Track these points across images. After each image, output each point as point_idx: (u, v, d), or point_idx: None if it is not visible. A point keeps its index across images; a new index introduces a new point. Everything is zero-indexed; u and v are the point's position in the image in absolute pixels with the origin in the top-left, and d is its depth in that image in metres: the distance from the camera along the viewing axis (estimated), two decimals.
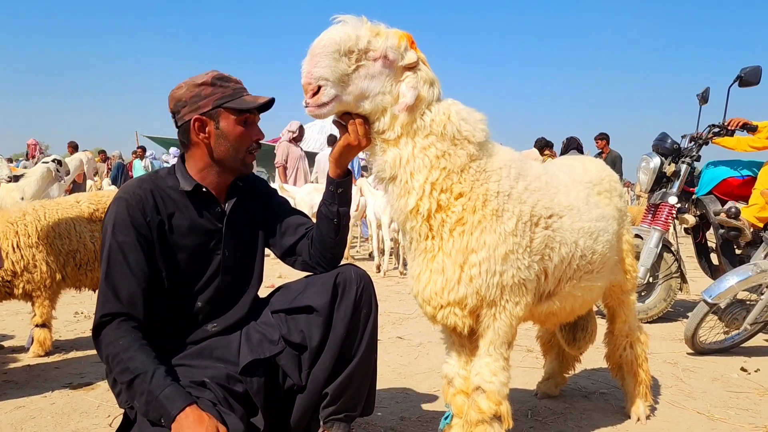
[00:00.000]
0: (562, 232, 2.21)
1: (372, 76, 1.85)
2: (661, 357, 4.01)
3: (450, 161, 1.95)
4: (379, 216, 7.87)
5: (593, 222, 2.37)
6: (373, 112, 1.90)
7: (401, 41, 1.87)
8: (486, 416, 2.12)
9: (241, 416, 1.95)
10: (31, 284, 3.52)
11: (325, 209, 2.19)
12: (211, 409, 1.84)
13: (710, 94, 5.08)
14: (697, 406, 3.09)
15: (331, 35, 1.80)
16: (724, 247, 4.86)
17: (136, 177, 2.23)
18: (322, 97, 1.81)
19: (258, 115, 2.13)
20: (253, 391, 2.06)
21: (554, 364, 3.19)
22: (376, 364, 2.34)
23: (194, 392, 1.89)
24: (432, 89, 1.94)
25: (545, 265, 2.19)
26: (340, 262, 2.27)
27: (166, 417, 1.76)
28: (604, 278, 2.56)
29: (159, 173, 2.17)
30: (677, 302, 5.32)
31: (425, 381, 3.41)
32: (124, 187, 2.09)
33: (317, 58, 1.79)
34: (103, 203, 3.85)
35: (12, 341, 4.09)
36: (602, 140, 10.68)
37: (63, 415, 2.78)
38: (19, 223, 3.52)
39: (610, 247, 2.49)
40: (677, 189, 4.97)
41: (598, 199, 2.54)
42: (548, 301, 2.32)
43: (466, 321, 2.07)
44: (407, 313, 5.31)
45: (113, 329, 1.90)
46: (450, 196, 1.97)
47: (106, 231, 1.99)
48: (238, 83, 2.09)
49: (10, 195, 7.89)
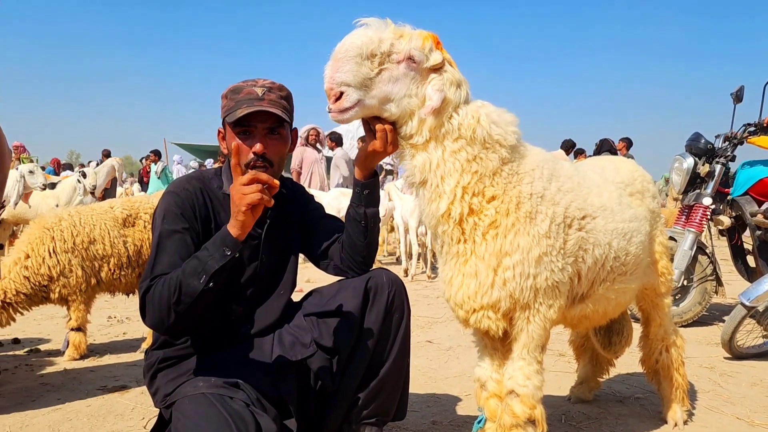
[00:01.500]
0: (596, 234, 2.18)
1: (396, 78, 1.83)
2: (697, 361, 3.92)
3: (482, 165, 1.92)
4: (406, 220, 7.86)
5: (626, 223, 2.33)
6: (400, 116, 1.89)
7: (426, 42, 1.85)
8: (520, 420, 2.10)
9: (274, 417, 1.96)
10: (67, 288, 3.59)
11: (353, 212, 2.17)
12: (244, 409, 1.85)
13: (745, 92, 4.96)
14: (737, 412, 3.02)
15: (353, 39, 1.79)
16: (761, 249, 4.74)
17: (184, 175, 2.25)
18: (345, 102, 1.80)
19: (260, 127, 2.01)
20: (285, 394, 2.07)
21: (587, 368, 3.15)
22: (408, 368, 2.33)
23: (227, 392, 1.90)
24: (459, 91, 1.91)
25: (578, 268, 2.16)
26: (371, 265, 2.26)
27: (225, 239, 1.78)
28: (637, 280, 2.52)
29: (206, 174, 2.19)
30: (712, 305, 5.20)
31: (456, 385, 3.39)
32: (174, 183, 2.12)
33: (339, 63, 1.78)
34: (135, 209, 3.91)
35: (48, 345, 4.17)
36: (622, 143, 11.32)
37: (98, 417, 2.82)
38: (55, 229, 3.60)
39: (643, 248, 2.45)
40: (712, 190, 4.86)
41: (630, 200, 2.50)
42: (581, 304, 2.29)
43: (500, 324, 2.05)
44: (436, 316, 5.28)
45: (159, 283, 1.87)
46: (482, 200, 1.95)
47: (155, 221, 2.02)
48: (250, 93, 2.00)
49: (45, 202, 8.09)
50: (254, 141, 2.00)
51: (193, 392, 1.91)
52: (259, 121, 2.00)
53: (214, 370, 2.02)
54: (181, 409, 1.88)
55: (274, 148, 2.04)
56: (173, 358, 2.08)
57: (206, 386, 1.92)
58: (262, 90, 2.00)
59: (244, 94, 2.00)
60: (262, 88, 2.01)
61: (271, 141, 2.03)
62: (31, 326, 4.63)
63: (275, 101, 2.02)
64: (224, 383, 1.96)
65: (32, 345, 4.12)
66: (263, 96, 1.99)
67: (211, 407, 1.82)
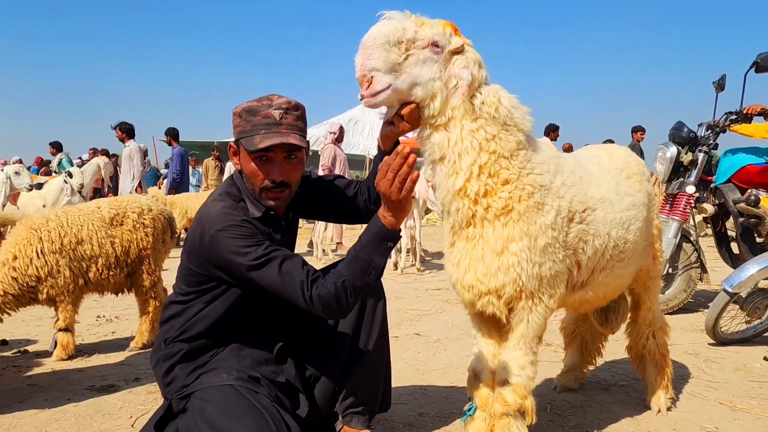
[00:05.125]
0: (596, 225, 2.25)
1: (423, 62, 1.92)
2: (682, 348, 3.97)
3: (500, 145, 2.00)
4: None
5: (624, 212, 2.41)
6: (423, 98, 1.96)
7: (446, 28, 1.96)
8: (511, 409, 2.14)
9: (290, 411, 2.04)
10: (55, 289, 3.58)
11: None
12: (270, 405, 1.92)
13: (726, 81, 5.00)
14: (719, 397, 3.07)
15: (380, 29, 1.89)
16: (744, 236, 4.79)
17: (217, 206, 2.06)
18: (376, 86, 1.89)
19: (279, 153, 2.02)
20: (292, 378, 2.14)
21: (575, 356, 3.18)
22: (389, 356, 2.37)
23: (253, 387, 1.98)
24: (481, 70, 2.01)
25: (579, 258, 2.24)
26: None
27: (386, 235, 1.85)
28: (634, 264, 2.61)
29: (232, 197, 2.11)
30: (698, 293, 5.26)
31: (443, 377, 3.41)
32: (216, 219, 2.00)
33: (369, 50, 1.88)
34: (123, 208, 3.90)
35: (36, 346, 4.16)
36: (640, 133, 12.42)
37: (86, 417, 2.82)
38: (42, 230, 3.58)
39: (640, 234, 2.53)
40: (695, 178, 4.90)
41: (628, 184, 2.57)
42: (581, 290, 2.36)
43: (503, 311, 2.11)
44: (425, 309, 5.31)
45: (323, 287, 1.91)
46: (497, 181, 2.01)
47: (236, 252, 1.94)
48: (267, 117, 1.99)
49: (32, 202, 8.05)
50: (272, 167, 2.03)
51: (220, 383, 1.97)
52: (278, 148, 2.01)
53: (231, 361, 2.07)
54: (207, 398, 1.92)
55: (292, 173, 2.08)
56: (195, 351, 2.12)
57: (232, 378, 1.99)
58: (279, 113, 2.00)
59: (261, 117, 1.99)
60: (278, 111, 2.00)
61: (290, 166, 2.06)
62: (19, 327, 4.62)
63: (293, 125, 2.03)
64: (248, 377, 2.02)
65: (20, 346, 4.10)
66: (281, 120, 2.00)
67: (242, 398, 1.90)
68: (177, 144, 10.64)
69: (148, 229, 3.93)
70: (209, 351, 2.13)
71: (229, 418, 1.83)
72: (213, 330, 2.11)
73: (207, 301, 2.09)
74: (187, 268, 2.11)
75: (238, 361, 2.09)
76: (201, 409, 1.89)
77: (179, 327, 2.12)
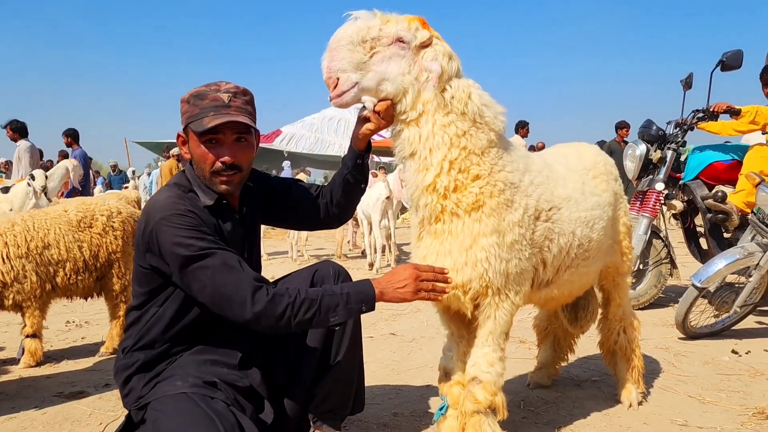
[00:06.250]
0: (561, 224, 2.27)
1: (389, 58, 1.93)
2: (652, 342, 4.03)
3: (471, 142, 2.00)
4: (368, 214, 7.88)
5: (589, 211, 2.42)
6: (395, 94, 1.96)
7: (411, 23, 1.95)
8: (481, 406, 2.15)
9: (250, 414, 1.99)
10: (21, 295, 3.50)
11: (350, 177, 2.24)
12: (225, 410, 1.88)
13: (694, 79, 5.10)
14: (689, 390, 3.11)
15: (344, 30, 1.91)
16: (712, 231, 4.89)
17: (162, 195, 2.04)
18: (342, 86, 1.91)
19: (229, 135, 1.98)
20: (256, 384, 2.10)
21: (548, 353, 3.21)
22: (361, 360, 2.35)
23: (208, 392, 1.92)
24: (451, 62, 1.99)
25: (544, 256, 2.25)
26: (351, 214, 2.41)
27: (369, 300, 1.93)
28: (599, 261, 2.63)
29: (181, 188, 2.06)
30: (668, 288, 5.34)
31: (418, 376, 3.42)
32: (160, 208, 1.96)
33: (333, 52, 1.90)
34: (91, 211, 3.83)
35: (2, 353, 4.06)
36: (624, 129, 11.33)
37: (55, 425, 2.77)
38: (8, 234, 3.50)
39: (605, 233, 2.55)
40: (664, 175, 4.98)
41: (594, 183, 2.59)
42: (546, 288, 2.38)
43: (469, 307, 2.11)
44: (400, 309, 5.31)
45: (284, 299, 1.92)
46: (467, 177, 2.01)
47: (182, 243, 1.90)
48: (215, 100, 1.95)
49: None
50: (222, 150, 1.98)
51: (174, 391, 1.91)
52: (227, 129, 1.97)
53: (189, 367, 2.02)
54: (161, 408, 1.87)
55: (243, 155, 2.03)
56: (152, 361, 2.06)
57: (186, 385, 1.93)
58: (228, 96, 1.97)
59: (209, 101, 1.96)
60: (227, 94, 1.97)
61: (240, 148, 2.01)
62: None
63: (241, 107, 1.99)
64: (203, 383, 1.96)
65: None
66: (229, 103, 1.96)
67: (195, 407, 1.84)
68: (78, 146, 9.97)
69: (118, 232, 3.86)
70: (167, 359, 2.06)
71: (182, 427, 1.78)
72: (169, 335, 2.04)
73: (159, 303, 2.04)
74: (136, 265, 2.06)
75: (197, 366, 2.03)
76: (154, 420, 1.85)
77: (136, 335, 2.06)
